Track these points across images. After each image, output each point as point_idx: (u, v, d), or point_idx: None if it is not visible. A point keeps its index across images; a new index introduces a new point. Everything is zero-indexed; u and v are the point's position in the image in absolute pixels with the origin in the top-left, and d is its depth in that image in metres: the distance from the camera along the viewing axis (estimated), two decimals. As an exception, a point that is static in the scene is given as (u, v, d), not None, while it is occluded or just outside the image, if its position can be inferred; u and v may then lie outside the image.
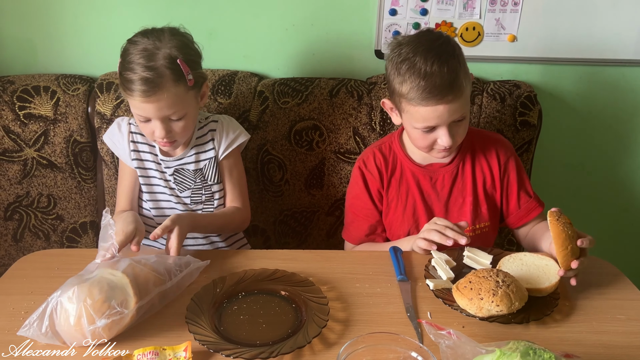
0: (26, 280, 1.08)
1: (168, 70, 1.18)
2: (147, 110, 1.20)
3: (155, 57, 1.18)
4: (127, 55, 1.20)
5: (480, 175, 1.34)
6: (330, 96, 1.54)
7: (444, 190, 1.32)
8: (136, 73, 1.17)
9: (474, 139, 1.35)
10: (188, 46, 1.24)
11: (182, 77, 1.19)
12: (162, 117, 1.21)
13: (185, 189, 1.36)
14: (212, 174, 1.36)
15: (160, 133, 1.23)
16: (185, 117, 1.24)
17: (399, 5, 1.57)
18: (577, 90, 1.70)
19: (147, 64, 1.17)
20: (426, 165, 1.33)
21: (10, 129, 1.52)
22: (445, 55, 1.17)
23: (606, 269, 1.16)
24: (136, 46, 1.20)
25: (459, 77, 1.17)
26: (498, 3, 1.57)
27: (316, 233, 1.65)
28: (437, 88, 1.14)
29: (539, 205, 1.34)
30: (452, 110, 1.17)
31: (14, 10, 1.57)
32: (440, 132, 1.20)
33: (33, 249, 1.62)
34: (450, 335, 0.84)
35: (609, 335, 0.96)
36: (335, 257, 1.19)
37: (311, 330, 0.94)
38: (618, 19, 1.59)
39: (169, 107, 1.20)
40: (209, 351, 0.89)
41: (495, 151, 1.34)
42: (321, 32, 1.61)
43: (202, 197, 1.37)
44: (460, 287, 1.00)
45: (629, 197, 1.85)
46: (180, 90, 1.20)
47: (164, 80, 1.17)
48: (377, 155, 1.35)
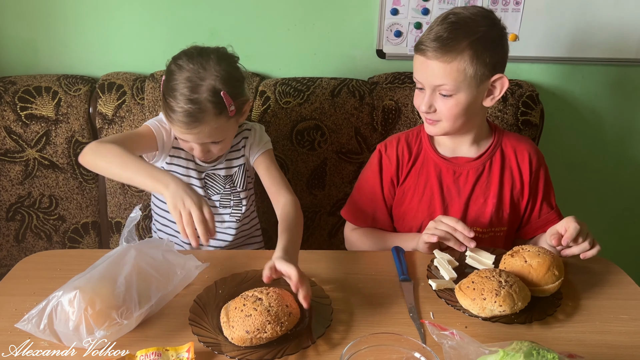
0: (28, 281, 1.08)
1: (210, 105, 1.16)
2: (187, 137, 1.21)
3: (199, 89, 1.15)
4: (170, 81, 1.18)
5: (508, 178, 1.30)
6: (331, 96, 1.54)
7: (466, 187, 1.29)
8: (179, 104, 1.15)
9: (504, 138, 1.32)
10: (233, 75, 1.21)
11: (225, 110, 1.18)
12: (202, 142, 1.22)
13: (215, 193, 1.36)
14: (241, 180, 1.37)
15: (198, 154, 1.25)
16: (224, 141, 1.25)
17: (401, 4, 1.57)
18: (579, 89, 1.69)
19: (190, 96, 1.15)
20: (451, 158, 1.29)
21: (12, 129, 1.52)
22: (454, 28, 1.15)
23: (609, 268, 1.16)
24: (181, 73, 1.17)
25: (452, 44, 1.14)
26: (500, 2, 1.57)
27: (318, 233, 1.64)
28: (429, 39, 1.16)
29: (557, 218, 1.31)
30: (431, 68, 1.16)
31: (16, 11, 1.57)
32: (424, 92, 1.20)
33: (35, 250, 1.62)
34: (453, 335, 0.83)
35: (612, 335, 0.96)
36: (337, 257, 1.19)
37: (315, 330, 0.93)
38: (620, 18, 1.59)
39: (208, 136, 1.20)
40: (212, 352, 0.89)
41: (528, 156, 1.30)
42: (323, 32, 1.61)
43: (230, 202, 1.37)
44: (463, 287, 1.00)
45: (632, 196, 1.84)
46: (221, 122, 1.19)
47: (206, 114, 1.16)
48: (402, 142, 1.33)
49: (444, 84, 1.16)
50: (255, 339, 0.89)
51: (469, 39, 1.14)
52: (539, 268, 1.02)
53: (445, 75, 1.15)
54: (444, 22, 1.17)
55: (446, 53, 1.14)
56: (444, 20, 1.17)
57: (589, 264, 1.16)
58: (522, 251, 1.07)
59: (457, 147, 1.30)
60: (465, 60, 1.15)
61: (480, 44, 1.15)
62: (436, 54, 1.14)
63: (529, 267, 1.03)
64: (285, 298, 0.94)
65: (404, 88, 1.55)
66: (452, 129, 1.22)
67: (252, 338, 0.89)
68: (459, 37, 1.14)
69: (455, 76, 1.15)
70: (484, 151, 1.30)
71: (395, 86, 1.56)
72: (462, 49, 1.14)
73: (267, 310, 0.90)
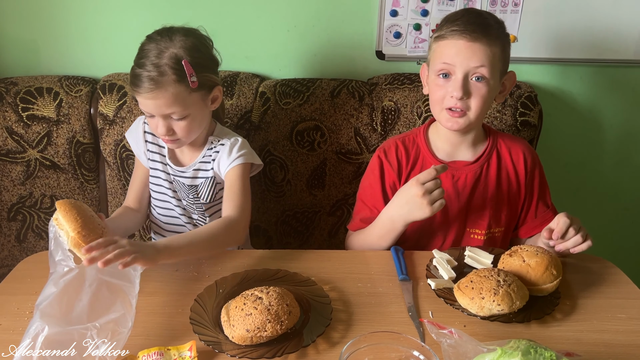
0: (30, 280, 1.08)
1: (170, 70, 1.19)
2: (148, 106, 1.22)
3: (162, 55, 1.20)
4: (140, 52, 1.24)
5: (505, 179, 1.31)
6: (331, 97, 1.55)
7: (465, 190, 1.30)
8: (143, 70, 1.19)
9: (500, 140, 1.34)
10: (198, 49, 1.24)
11: (185, 79, 1.20)
12: (163, 114, 1.22)
13: (183, 198, 1.39)
14: (206, 193, 1.35)
15: (161, 130, 1.24)
16: (188, 118, 1.24)
17: (400, 6, 1.58)
18: (578, 90, 1.70)
19: (153, 61, 1.19)
20: (449, 163, 1.30)
21: (14, 130, 1.52)
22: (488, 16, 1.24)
23: (607, 268, 1.17)
24: (149, 43, 1.22)
25: (491, 28, 1.20)
26: (498, 4, 1.58)
27: (318, 233, 1.65)
28: (465, 23, 1.19)
29: (554, 217, 1.28)
30: (472, 50, 1.18)
31: (17, 12, 1.58)
32: (455, 78, 1.20)
33: (36, 250, 1.63)
34: (452, 334, 0.84)
35: (609, 334, 0.97)
36: (337, 257, 1.19)
37: (315, 329, 0.94)
38: (618, 19, 1.60)
39: (167, 105, 1.21)
40: (214, 351, 0.90)
41: (523, 156, 1.32)
42: (322, 33, 1.62)
43: (194, 211, 1.39)
44: (462, 287, 1.00)
45: (629, 196, 1.85)
46: (181, 91, 1.20)
47: (165, 79, 1.19)
48: (400, 146, 1.33)
49: (482, 65, 1.18)
50: (255, 337, 0.90)
51: (499, 30, 1.22)
52: (537, 267, 1.03)
53: (485, 57, 1.18)
54: (469, 14, 1.23)
55: (487, 35, 1.19)
56: (468, 12, 1.23)
57: (586, 263, 1.17)
58: (521, 251, 1.08)
59: (455, 151, 1.31)
60: (498, 48, 1.21)
61: (506, 38, 1.23)
62: (478, 36, 1.18)
63: (527, 266, 1.04)
64: (285, 297, 0.95)
65: (403, 89, 1.56)
66: (476, 121, 1.24)
67: (253, 337, 0.90)
68: (493, 26, 1.21)
69: (492, 60, 1.19)
70: (480, 154, 1.31)
71: (394, 87, 1.57)
72: (497, 37, 1.21)
73: (267, 309, 0.91)
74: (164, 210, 1.41)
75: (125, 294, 0.92)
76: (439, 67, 1.21)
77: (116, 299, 0.91)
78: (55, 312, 0.87)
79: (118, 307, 0.89)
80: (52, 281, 0.92)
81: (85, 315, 0.88)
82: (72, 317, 0.88)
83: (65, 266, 0.94)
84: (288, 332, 0.94)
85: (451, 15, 1.25)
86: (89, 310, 0.89)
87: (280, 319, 0.91)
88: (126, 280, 0.94)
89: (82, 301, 0.90)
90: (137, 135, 1.39)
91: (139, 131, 1.38)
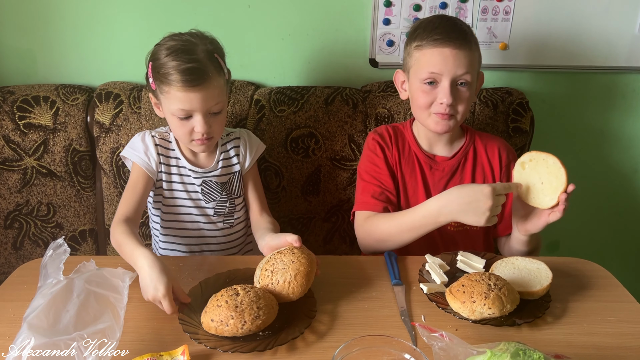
0: (26, 287, 1.09)
1: (210, 62, 1.21)
2: (193, 101, 1.19)
3: (195, 50, 1.20)
4: (162, 54, 1.21)
5: (480, 174, 1.36)
6: (325, 104, 1.57)
7: (440, 182, 1.35)
8: (180, 66, 1.17)
9: (477, 137, 1.39)
10: (217, 44, 1.28)
11: (222, 70, 1.24)
12: (206, 109, 1.22)
13: (211, 200, 1.37)
14: (237, 187, 1.39)
15: (201, 128, 1.22)
16: (224, 111, 1.28)
17: (393, 15, 1.60)
18: (569, 96, 1.72)
19: (189, 56, 1.19)
20: (429, 154, 1.37)
21: (10, 138, 1.54)
22: (461, 23, 1.29)
23: (597, 272, 1.18)
24: (172, 46, 1.21)
25: (470, 36, 1.26)
26: (489, 12, 1.60)
27: (313, 239, 1.66)
28: (447, 31, 1.23)
29: None
30: (458, 57, 1.22)
31: (14, 21, 1.59)
32: (442, 85, 1.24)
33: (33, 257, 1.63)
34: (443, 337, 0.85)
35: (599, 337, 0.98)
36: (331, 263, 1.20)
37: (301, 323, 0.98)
38: (609, 26, 1.62)
39: (214, 97, 1.22)
40: (207, 353, 0.90)
41: (498, 152, 1.37)
42: (316, 42, 1.64)
43: (225, 210, 1.39)
44: (454, 291, 1.02)
45: (621, 201, 1.87)
46: (221, 82, 1.24)
47: (209, 69, 1.20)
48: (390, 131, 1.40)
49: (467, 72, 1.23)
50: (218, 329, 0.93)
51: (473, 36, 1.28)
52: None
53: (469, 64, 1.24)
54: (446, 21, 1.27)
55: (468, 42, 1.24)
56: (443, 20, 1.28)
57: (577, 266, 1.19)
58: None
59: (434, 146, 1.38)
60: (477, 53, 1.27)
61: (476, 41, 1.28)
62: (462, 43, 1.22)
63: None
64: (262, 300, 0.95)
65: (396, 96, 1.58)
66: (461, 122, 1.31)
67: (216, 327, 0.93)
68: (469, 32, 1.27)
69: (474, 65, 1.26)
70: (457, 150, 1.37)
71: (387, 94, 1.59)
72: (475, 42, 1.27)
73: (235, 305, 0.93)
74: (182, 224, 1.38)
75: (114, 305, 0.92)
76: (424, 75, 1.25)
77: (105, 310, 0.90)
78: (42, 323, 0.87)
79: (106, 317, 0.89)
80: (40, 294, 0.92)
81: (72, 325, 0.87)
82: (59, 327, 0.87)
83: (54, 279, 0.94)
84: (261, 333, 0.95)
85: (425, 23, 1.28)
86: (75, 320, 0.88)
87: (243, 319, 0.92)
88: (115, 291, 0.94)
89: (69, 312, 0.89)
90: (145, 148, 1.33)
91: (149, 143, 1.33)
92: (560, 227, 1.85)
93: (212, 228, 1.39)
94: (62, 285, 0.92)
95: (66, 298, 0.91)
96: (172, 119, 1.25)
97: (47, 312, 0.88)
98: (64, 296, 0.92)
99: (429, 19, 1.30)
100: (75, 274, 0.96)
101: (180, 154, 1.35)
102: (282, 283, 1.00)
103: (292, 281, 1.00)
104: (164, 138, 1.36)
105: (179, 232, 1.40)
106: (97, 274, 0.96)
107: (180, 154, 1.35)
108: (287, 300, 1.01)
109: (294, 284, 1.00)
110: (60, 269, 0.95)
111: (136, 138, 1.36)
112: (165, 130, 1.39)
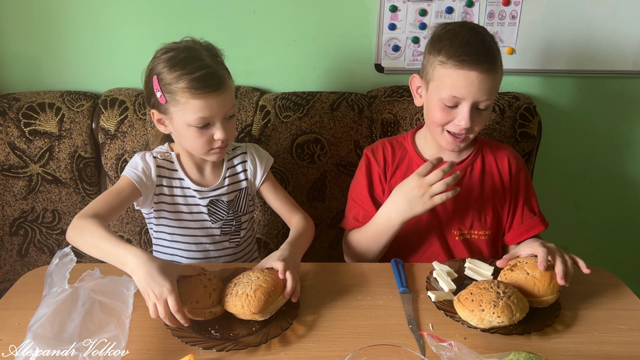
0: (31, 295, 1.09)
1: (219, 66, 1.20)
2: (213, 107, 1.16)
3: (201, 56, 1.17)
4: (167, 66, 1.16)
5: (489, 181, 1.33)
6: (331, 110, 1.56)
7: None
8: (193, 72, 1.14)
9: (485, 146, 1.36)
10: (214, 46, 1.25)
11: (228, 71, 1.23)
12: (225, 113, 1.19)
13: (218, 220, 1.33)
14: (243, 205, 1.37)
15: (222, 134, 1.19)
16: (234, 114, 1.27)
17: (398, 20, 1.59)
18: (576, 101, 1.71)
19: (199, 62, 1.15)
20: None
21: (16, 145, 1.54)
22: (489, 38, 1.21)
23: (607, 279, 1.16)
24: (173, 54, 1.17)
25: (497, 57, 1.19)
26: (496, 16, 1.59)
27: (319, 245, 1.65)
28: (476, 52, 1.16)
29: (541, 224, 1.32)
30: (484, 82, 1.16)
31: (20, 29, 1.60)
32: (462, 108, 1.19)
33: (38, 264, 1.63)
34: (452, 346, 0.84)
35: (610, 346, 0.97)
36: (337, 270, 1.20)
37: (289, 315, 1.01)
38: (616, 30, 1.61)
39: (230, 100, 1.20)
40: (212, 356, 0.90)
41: (507, 161, 1.34)
42: (322, 47, 1.63)
43: (231, 228, 1.36)
44: (462, 299, 1.00)
45: (630, 206, 1.85)
46: (232, 83, 1.22)
47: (221, 72, 1.19)
48: (387, 145, 1.37)
49: (489, 98, 1.19)
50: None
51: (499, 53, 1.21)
52: (543, 278, 1.03)
53: (493, 88, 1.19)
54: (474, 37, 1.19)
55: (495, 64, 1.18)
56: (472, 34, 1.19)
57: (587, 274, 1.17)
58: (520, 264, 1.08)
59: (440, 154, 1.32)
60: (500, 72, 1.21)
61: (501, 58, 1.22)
62: (489, 67, 1.16)
63: (533, 279, 1.03)
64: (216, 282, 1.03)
65: (402, 101, 1.57)
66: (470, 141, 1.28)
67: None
68: (495, 51, 1.20)
69: (497, 87, 1.21)
70: (464, 158, 1.34)
71: (393, 100, 1.58)
72: (500, 63, 1.20)
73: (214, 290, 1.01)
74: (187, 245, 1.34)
75: (119, 314, 0.91)
76: (446, 96, 1.19)
77: (110, 319, 0.89)
78: (47, 332, 0.85)
79: (111, 327, 0.88)
80: (44, 303, 0.91)
81: (76, 335, 0.86)
82: (64, 337, 0.86)
83: (59, 287, 0.93)
84: None
85: (452, 34, 1.20)
86: (80, 330, 0.87)
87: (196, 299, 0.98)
88: (120, 300, 0.93)
89: (74, 321, 0.88)
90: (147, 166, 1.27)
91: (150, 163, 1.27)
92: (569, 233, 1.86)
93: (218, 248, 1.36)
94: (67, 294, 0.92)
95: (71, 307, 0.91)
96: (188, 131, 1.19)
97: (52, 321, 0.88)
98: (69, 305, 0.91)
99: (456, 30, 1.21)
100: (80, 283, 0.96)
101: (184, 174, 1.30)
102: (239, 294, 0.99)
103: (250, 294, 0.98)
104: (165, 159, 1.30)
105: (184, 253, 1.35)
106: (102, 283, 0.96)
107: (184, 175, 1.30)
108: (241, 314, 0.99)
109: (252, 298, 0.98)
110: (65, 278, 0.94)
111: (136, 157, 1.29)
112: (165, 149, 1.32)
